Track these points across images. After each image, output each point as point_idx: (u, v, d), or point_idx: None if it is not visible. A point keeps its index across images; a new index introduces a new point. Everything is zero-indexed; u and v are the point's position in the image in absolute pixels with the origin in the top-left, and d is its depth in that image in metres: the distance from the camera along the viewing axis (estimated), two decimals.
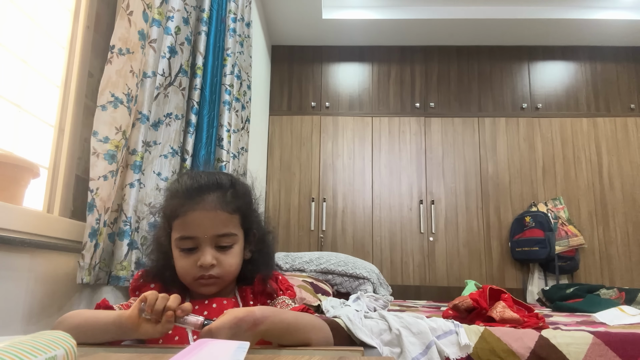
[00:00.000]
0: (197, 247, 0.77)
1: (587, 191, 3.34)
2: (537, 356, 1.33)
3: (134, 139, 1.32)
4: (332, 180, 3.43)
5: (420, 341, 1.39)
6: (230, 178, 0.83)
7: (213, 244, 0.77)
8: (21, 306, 1.03)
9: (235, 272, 0.81)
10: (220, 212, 0.77)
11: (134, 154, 1.32)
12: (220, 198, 0.78)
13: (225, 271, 0.78)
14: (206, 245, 0.77)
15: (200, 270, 0.76)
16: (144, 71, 1.36)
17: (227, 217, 0.78)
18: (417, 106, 3.54)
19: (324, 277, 2.35)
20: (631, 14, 3.24)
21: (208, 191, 0.78)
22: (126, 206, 1.28)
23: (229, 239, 0.78)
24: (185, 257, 0.78)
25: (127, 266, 1.25)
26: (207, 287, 0.78)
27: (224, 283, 0.80)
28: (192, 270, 0.77)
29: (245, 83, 2.20)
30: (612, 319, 1.69)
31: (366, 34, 3.50)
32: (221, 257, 0.77)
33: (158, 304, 0.63)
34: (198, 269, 0.76)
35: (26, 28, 1.23)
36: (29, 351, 0.40)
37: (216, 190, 0.78)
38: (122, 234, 1.26)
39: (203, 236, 0.76)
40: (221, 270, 0.78)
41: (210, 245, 0.77)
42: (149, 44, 1.37)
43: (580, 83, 3.53)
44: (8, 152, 1.14)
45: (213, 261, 0.76)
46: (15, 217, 1.03)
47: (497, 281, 3.23)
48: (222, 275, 0.78)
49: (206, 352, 0.49)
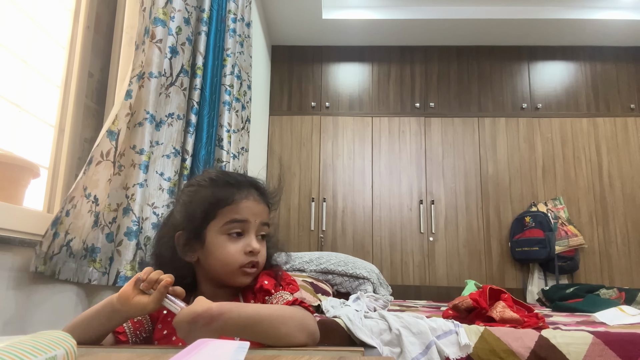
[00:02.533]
0: (243, 233, 0.81)
1: (587, 191, 3.34)
2: (537, 356, 1.33)
3: (140, 139, 1.32)
4: (332, 180, 3.43)
5: (420, 341, 1.39)
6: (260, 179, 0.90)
7: (256, 232, 0.82)
8: (20, 306, 1.03)
9: (264, 264, 0.84)
10: (263, 204, 0.85)
11: (142, 154, 1.31)
12: (261, 192, 0.86)
13: (263, 260, 0.83)
14: (252, 231, 0.81)
15: (247, 256, 0.79)
16: (150, 71, 1.36)
17: (267, 210, 0.86)
18: (417, 106, 3.54)
19: (324, 277, 2.35)
20: (631, 14, 3.23)
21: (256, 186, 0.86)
22: (135, 206, 1.27)
23: (268, 229, 0.85)
24: (233, 243, 0.80)
25: (135, 266, 1.25)
26: (247, 277, 0.80)
27: (257, 274, 0.83)
28: (240, 257, 0.79)
29: (246, 83, 2.20)
30: (612, 319, 1.69)
31: (366, 34, 3.50)
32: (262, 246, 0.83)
33: (153, 274, 0.69)
34: (244, 255, 0.79)
35: (26, 28, 1.23)
36: (29, 351, 0.40)
37: (257, 186, 0.86)
38: (131, 233, 1.26)
39: (254, 221, 0.81)
40: (261, 259, 0.82)
41: (255, 233, 0.82)
42: (154, 43, 1.37)
43: (580, 83, 3.53)
44: (8, 152, 1.14)
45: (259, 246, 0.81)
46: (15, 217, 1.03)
47: (497, 281, 3.23)
48: (261, 265, 0.82)
49: (206, 352, 0.49)
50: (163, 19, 1.41)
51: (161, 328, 0.78)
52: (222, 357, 0.49)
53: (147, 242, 1.34)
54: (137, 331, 0.77)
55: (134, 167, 1.30)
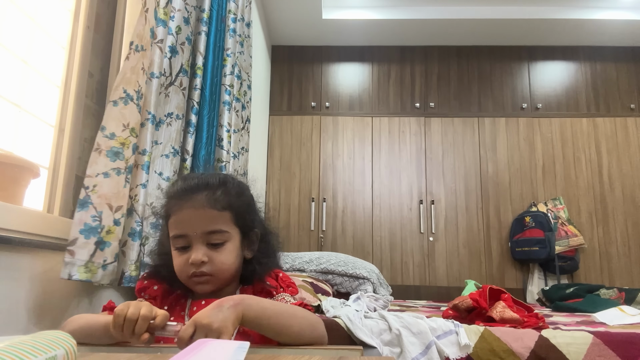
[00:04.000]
0: (190, 245, 0.78)
1: (587, 191, 3.34)
2: (537, 356, 1.33)
3: (144, 139, 1.32)
4: (332, 180, 3.43)
5: (420, 341, 1.39)
6: (222, 177, 0.84)
7: (204, 241, 0.78)
8: (21, 306, 1.03)
9: (230, 270, 0.81)
10: (208, 209, 0.79)
11: (144, 154, 1.32)
12: (208, 196, 0.79)
13: (218, 269, 0.79)
14: (197, 242, 0.78)
15: (192, 267, 0.77)
16: (152, 71, 1.36)
17: (216, 214, 0.79)
18: (417, 106, 3.54)
19: (324, 277, 2.36)
20: (631, 14, 3.24)
21: (197, 191, 0.80)
22: (138, 206, 1.28)
23: (220, 236, 0.79)
24: (179, 256, 0.79)
25: (139, 266, 1.26)
26: (201, 285, 0.79)
27: (219, 281, 0.80)
28: (186, 268, 0.78)
29: (246, 83, 2.20)
30: (612, 319, 1.69)
31: (366, 34, 3.50)
32: (213, 255, 0.78)
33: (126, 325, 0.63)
34: (190, 266, 0.77)
35: (26, 28, 1.23)
36: (29, 351, 0.40)
37: (205, 189, 0.80)
38: (135, 234, 1.26)
39: (192, 233, 0.78)
40: (213, 268, 0.78)
41: (201, 243, 0.78)
42: (156, 44, 1.38)
43: (580, 83, 3.53)
44: (8, 152, 1.14)
45: (203, 258, 0.77)
46: (15, 217, 1.03)
47: (497, 281, 3.23)
48: (214, 273, 0.79)
49: (206, 352, 0.49)
50: (163, 19, 1.41)
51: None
52: (222, 357, 0.49)
53: (145, 242, 1.34)
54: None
55: (137, 168, 1.30)
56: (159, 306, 0.77)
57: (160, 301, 0.83)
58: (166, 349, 0.67)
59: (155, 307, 0.75)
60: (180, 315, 0.80)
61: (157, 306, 0.77)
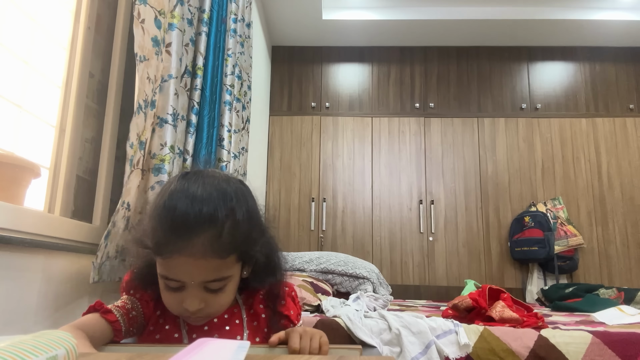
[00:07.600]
0: (184, 287, 0.67)
1: (586, 191, 3.34)
2: (537, 356, 1.33)
3: (157, 142, 1.36)
4: (332, 180, 3.44)
5: (420, 341, 1.39)
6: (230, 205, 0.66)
7: (201, 287, 0.67)
8: (22, 306, 1.03)
9: (227, 306, 0.74)
10: (210, 259, 0.65)
11: (153, 158, 1.35)
12: (211, 240, 0.64)
13: (215, 310, 0.71)
14: (193, 289, 0.67)
15: (186, 310, 0.68)
16: (162, 76, 1.38)
17: (219, 263, 0.66)
18: (416, 106, 3.54)
19: (324, 277, 2.36)
20: (631, 15, 3.24)
21: (198, 232, 0.63)
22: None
23: (220, 283, 0.68)
24: (170, 294, 0.68)
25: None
26: (195, 321, 0.73)
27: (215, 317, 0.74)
28: (178, 308, 0.69)
29: (246, 83, 2.21)
30: (611, 318, 1.69)
31: (366, 35, 3.50)
32: (210, 299, 0.68)
33: None
34: (183, 308, 0.68)
35: (27, 29, 1.23)
36: (30, 351, 0.40)
37: (207, 228, 0.64)
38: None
39: (190, 282, 0.66)
40: (210, 311, 0.70)
41: (197, 289, 0.67)
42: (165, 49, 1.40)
43: (579, 83, 3.53)
44: (9, 152, 1.14)
45: (200, 305, 0.67)
46: (16, 217, 1.04)
47: (497, 281, 3.23)
48: (211, 314, 0.71)
49: (206, 352, 0.49)
50: (174, 23, 1.43)
51: (153, 330, 0.75)
52: (222, 357, 0.49)
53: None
54: (131, 327, 0.75)
55: (149, 171, 1.35)
56: (152, 310, 0.75)
57: (153, 305, 0.76)
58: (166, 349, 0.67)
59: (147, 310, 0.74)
60: (175, 321, 0.75)
61: (150, 310, 0.75)
